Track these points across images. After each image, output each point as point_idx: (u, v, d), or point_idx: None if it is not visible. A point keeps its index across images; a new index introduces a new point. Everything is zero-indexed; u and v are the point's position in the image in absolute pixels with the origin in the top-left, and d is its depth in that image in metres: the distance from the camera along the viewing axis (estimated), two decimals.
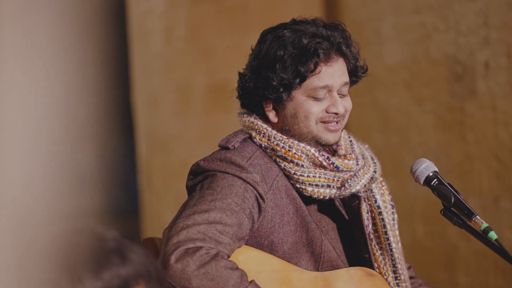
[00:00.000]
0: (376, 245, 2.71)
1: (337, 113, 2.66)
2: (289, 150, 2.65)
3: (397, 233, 2.79)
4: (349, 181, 2.66)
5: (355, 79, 2.74)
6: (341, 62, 2.67)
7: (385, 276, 2.71)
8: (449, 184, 2.60)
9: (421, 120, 4.66)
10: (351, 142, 2.79)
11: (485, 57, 4.30)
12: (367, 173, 2.71)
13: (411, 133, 4.72)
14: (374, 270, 2.69)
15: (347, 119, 2.71)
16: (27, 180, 1.76)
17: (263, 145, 2.67)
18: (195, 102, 5.88)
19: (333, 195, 2.66)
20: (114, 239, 1.86)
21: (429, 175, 2.62)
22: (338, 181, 2.66)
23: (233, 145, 2.66)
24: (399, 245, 2.79)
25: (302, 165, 2.64)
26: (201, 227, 2.48)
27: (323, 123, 2.66)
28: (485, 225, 2.51)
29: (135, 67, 6.37)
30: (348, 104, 2.70)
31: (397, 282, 2.73)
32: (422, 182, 2.62)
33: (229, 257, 2.50)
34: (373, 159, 2.79)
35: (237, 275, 2.45)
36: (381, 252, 2.72)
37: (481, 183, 4.37)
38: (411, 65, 4.69)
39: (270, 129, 2.68)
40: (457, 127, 4.47)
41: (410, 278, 2.89)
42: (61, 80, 1.83)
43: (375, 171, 2.74)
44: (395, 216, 2.80)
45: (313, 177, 2.64)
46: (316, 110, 2.65)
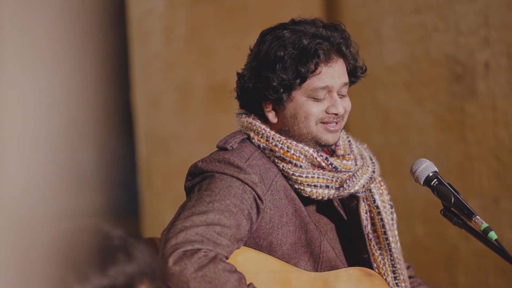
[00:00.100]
0: (375, 245, 2.71)
1: (337, 114, 2.65)
2: (287, 150, 2.64)
3: (396, 233, 2.78)
4: (347, 181, 2.66)
5: (354, 80, 2.74)
6: (341, 62, 2.66)
7: (384, 276, 2.70)
8: (449, 184, 2.59)
9: (421, 120, 4.66)
10: (349, 142, 2.78)
11: (485, 57, 4.30)
12: (365, 173, 2.70)
13: (411, 133, 4.72)
14: (373, 270, 2.69)
15: (346, 119, 2.71)
16: (27, 180, 1.76)
17: (261, 146, 2.67)
18: (195, 102, 5.88)
19: (331, 196, 2.66)
20: (119, 237, 1.86)
21: (429, 175, 2.61)
22: (336, 181, 2.66)
23: (231, 146, 2.65)
24: (398, 244, 2.78)
25: (300, 166, 2.64)
26: (199, 229, 2.47)
27: (323, 123, 2.66)
28: (485, 225, 2.51)
29: (135, 67, 6.37)
30: (347, 104, 2.69)
31: (396, 282, 2.73)
32: (422, 182, 2.62)
33: (227, 258, 2.50)
34: (371, 159, 2.79)
35: (235, 278, 2.44)
36: (380, 252, 2.72)
37: (481, 183, 4.37)
38: (411, 65, 4.69)
39: (268, 130, 2.67)
40: (457, 127, 4.47)
41: (409, 277, 2.88)
42: (61, 80, 1.83)
43: (374, 171, 2.74)
44: (394, 216, 2.80)
45: (312, 177, 2.64)
46: (316, 110, 2.65)
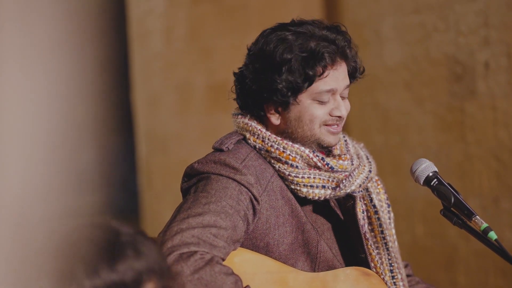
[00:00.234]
0: (372, 245, 2.70)
1: (340, 116, 2.66)
2: (283, 151, 2.63)
3: (393, 232, 2.78)
4: (344, 181, 2.65)
5: (352, 81, 2.74)
6: (343, 65, 2.66)
7: (382, 275, 2.70)
8: (449, 184, 2.59)
9: (421, 120, 4.66)
10: (345, 142, 2.78)
11: (485, 57, 4.30)
12: (362, 173, 2.70)
13: (411, 133, 4.72)
14: (370, 269, 2.69)
15: (344, 120, 2.71)
16: (26, 180, 1.76)
17: (257, 147, 2.66)
18: (195, 102, 5.88)
19: (328, 196, 2.65)
20: (128, 233, 1.87)
21: (429, 175, 2.61)
22: (333, 181, 2.65)
23: (227, 147, 2.64)
24: (396, 244, 2.78)
25: (296, 166, 2.63)
26: (196, 231, 2.47)
27: (326, 125, 2.65)
28: (485, 225, 2.51)
29: (135, 67, 6.37)
30: (348, 106, 2.70)
31: (394, 281, 2.73)
32: (422, 182, 2.62)
33: (224, 260, 2.49)
34: (368, 159, 2.78)
35: (232, 281, 2.44)
36: (377, 251, 2.72)
37: (481, 183, 4.37)
38: (411, 65, 4.69)
39: (264, 131, 2.66)
40: (457, 127, 4.47)
41: (407, 276, 2.88)
42: (61, 80, 1.83)
43: (370, 171, 2.73)
44: (391, 215, 2.80)
45: (308, 178, 2.63)
46: (320, 113, 2.64)
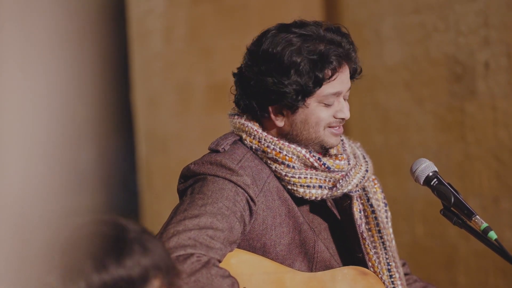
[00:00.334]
0: (369, 244, 2.70)
1: (343, 118, 2.66)
2: (279, 151, 2.63)
3: (390, 231, 2.78)
4: (340, 181, 2.65)
5: (351, 82, 2.74)
6: (347, 67, 2.66)
7: (379, 275, 2.70)
8: (448, 184, 2.59)
9: (421, 120, 4.66)
10: (342, 141, 2.78)
11: (485, 57, 4.30)
12: (358, 173, 2.69)
13: (411, 133, 4.72)
14: (368, 269, 2.69)
15: None
16: (26, 179, 1.76)
17: (253, 147, 2.65)
18: (195, 102, 5.88)
19: (325, 196, 2.65)
20: (135, 230, 1.87)
21: (429, 175, 2.61)
22: (329, 181, 2.65)
23: (223, 148, 2.64)
24: (393, 243, 2.78)
25: (293, 167, 2.62)
26: (192, 233, 2.47)
27: (329, 127, 2.65)
28: (485, 225, 2.51)
29: (135, 67, 6.37)
30: (348, 107, 2.70)
31: (392, 280, 2.73)
32: (422, 182, 2.62)
33: (220, 262, 2.49)
34: (364, 158, 2.78)
35: (228, 283, 2.44)
36: (375, 251, 2.71)
37: (481, 183, 4.37)
38: (411, 65, 4.69)
39: (260, 131, 2.65)
40: (457, 127, 4.47)
41: (404, 274, 2.88)
42: (60, 79, 1.83)
43: (367, 170, 2.73)
44: (389, 214, 2.80)
45: (305, 178, 2.63)
46: (326, 116, 2.64)
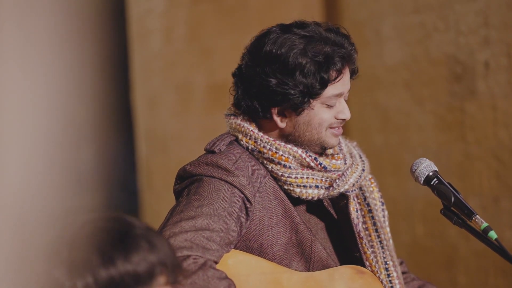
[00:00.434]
0: (367, 243, 2.70)
1: (344, 119, 2.66)
2: (276, 152, 2.63)
3: (388, 230, 2.78)
4: (337, 181, 2.65)
5: None
6: (348, 68, 2.67)
7: (377, 274, 2.70)
8: (449, 183, 2.59)
9: (421, 120, 4.66)
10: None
11: (485, 57, 4.30)
12: (355, 172, 2.69)
13: (411, 133, 4.72)
14: (365, 268, 2.69)
15: None
16: (25, 180, 1.76)
17: (249, 148, 2.65)
18: (195, 102, 5.88)
19: (321, 196, 2.65)
20: (141, 227, 1.88)
21: (429, 175, 2.61)
22: (326, 181, 2.65)
23: (219, 149, 2.64)
24: (390, 241, 2.78)
25: (289, 167, 2.62)
26: (188, 234, 2.46)
27: (330, 128, 2.66)
28: (485, 224, 2.51)
29: (135, 67, 6.37)
30: (348, 108, 2.71)
31: (390, 279, 2.73)
32: (422, 181, 2.62)
33: (217, 263, 2.49)
34: (361, 157, 2.78)
35: (225, 285, 2.44)
36: (372, 250, 2.72)
37: (481, 183, 4.37)
38: (411, 65, 4.69)
39: (256, 131, 2.65)
40: (457, 127, 4.47)
41: (402, 273, 2.88)
42: (60, 79, 1.83)
43: (364, 169, 2.73)
44: (386, 213, 2.80)
45: (301, 178, 2.63)
46: (328, 117, 2.64)
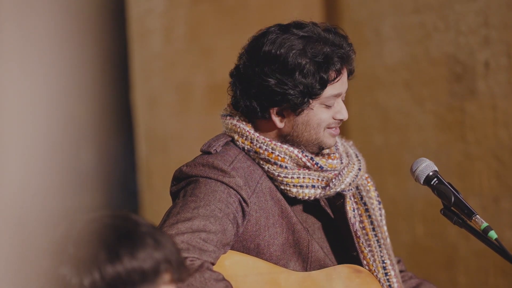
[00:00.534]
0: (364, 242, 2.71)
1: (342, 119, 2.67)
2: (272, 152, 2.63)
3: (385, 228, 2.79)
4: (333, 180, 2.65)
5: None
6: (345, 69, 2.67)
7: (375, 272, 2.70)
8: (449, 183, 2.59)
9: (421, 120, 4.66)
10: None
11: (485, 57, 4.30)
12: (351, 171, 2.70)
13: (411, 133, 4.72)
14: (363, 267, 2.69)
15: None
16: (25, 179, 1.76)
17: (245, 148, 2.65)
18: (195, 102, 5.88)
19: (318, 195, 2.65)
20: (146, 225, 1.89)
21: (429, 175, 2.61)
22: (322, 181, 2.65)
23: (215, 150, 2.64)
24: (388, 240, 2.79)
25: (285, 167, 2.63)
26: (185, 236, 2.47)
27: (328, 128, 2.66)
28: (485, 224, 2.51)
29: (135, 67, 6.37)
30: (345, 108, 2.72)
31: (388, 277, 2.73)
32: (422, 181, 2.62)
33: (214, 264, 2.49)
34: (357, 156, 2.78)
35: (222, 287, 2.44)
36: (369, 249, 2.72)
37: (481, 183, 4.36)
38: (411, 65, 4.69)
39: (252, 132, 2.65)
40: (457, 127, 4.47)
41: (400, 271, 2.88)
42: (60, 79, 1.83)
43: (360, 169, 2.73)
44: (382, 212, 2.80)
45: (297, 178, 2.63)
46: (326, 117, 2.65)
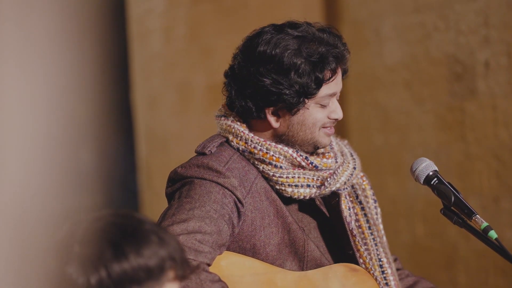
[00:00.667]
0: (360, 241, 2.71)
1: (337, 119, 2.67)
2: (266, 152, 2.63)
3: (381, 227, 2.80)
4: (328, 179, 2.66)
5: None
6: (340, 68, 2.68)
7: (371, 271, 2.71)
8: (449, 183, 2.59)
9: (421, 119, 4.66)
10: None
11: (485, 57, 4.30)
12: (346, 170, 2.70)
13: (411, 133, 4.72)
14: (359, 266, 2.70)
15: None
16: (26, 179, 1.77)
17: (240, 149, 2.66)
18: (195, 102, 5.88)
19: (313, 195, 2.66)
20: (150, 223, 1.90)
21: (429, 174, 2.61)
22: (317, 180, 2.66)
23: (209, 150, 2.64)
24: (384, 239, 2.80)
25: (280, 167, 2.63)
26: (180, 238, 2.47)
27: (323, 128, 2.67)
28: (485, 224, 2.51)
29: (135, 67, 6.37)
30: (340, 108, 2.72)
31: (384, 276, 2.74)
32: (422, 181, 2.62)
33: (210, 265, 2.50)
34: (352, 156, 2.79)
35: None
36: (366, 247, 2.73)
37: (481, 183, 4.37)
38: (411, 65, 4.69)
39: (247, 132, 2.65)
40: (457, 127, 4.47)
41: (396, 270, 2.89)
42: (60, 79, 1.83)
43: (355, 168, 2.74)
44: (378, 210, 2.81)
45: (292, 178, 2.63)
46: (321, 117, 2.66)
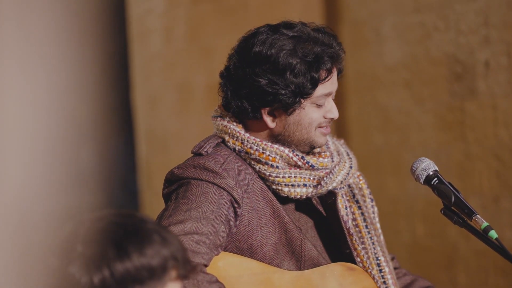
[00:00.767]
0: (357, 240, 2.72)
1: (333, 118, 2.67)
2: (262, 152, 2.64)
3: (378, 226, 2.80)
4: (325, 178, 2.66)
5: None
6: (335, 68, 2.69)
7: (369, 269, 2.72)
8: (449, 183, 2.59)
9: (421, 119, 4.66)
10: None
11: (485, 57, 4.30)
12: (343, 169, 2.71)
13: (411, 133, 4.72)
14: (357, 265, 2.70)
15: None
16: (26, 179, 1.77)
17: (236, 149, 2.66)
18: (195, 101, 5.88)
19: (309, 194, 2.66)
20: (152, 222, 1.90)
21: (429, 174, 2.61)
22: (314, 179, 2.66)
23: (206, 151, 2.64)
24: (381, 237, 2.80)
25: (276, 167, 2.64)
26: None
27: (319, 127, 2.68)
28: (485, 224, 2.51)
29: (135, 67, 6.37)
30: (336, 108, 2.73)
31: (382, 274, 2.74)
32: (422, 181, 2.62)
33: (207, 266, 2.50)
34: (348, 155, 2.80)
35: None
36: (363, 246, 2.73)
37: (481, 182, 4.37)
38: (411, 64, 4.69)
39: (243, 132, 2.66)
40: (457, 126, 4.47)
41: (394, 268, 2.89)
42: (60, 79, 1.83)
43: (351, 167, 2.75)
44: (375, 209, 2.82)
45: (289, 177, 2.64)
46: (317, 116, 2.66)
